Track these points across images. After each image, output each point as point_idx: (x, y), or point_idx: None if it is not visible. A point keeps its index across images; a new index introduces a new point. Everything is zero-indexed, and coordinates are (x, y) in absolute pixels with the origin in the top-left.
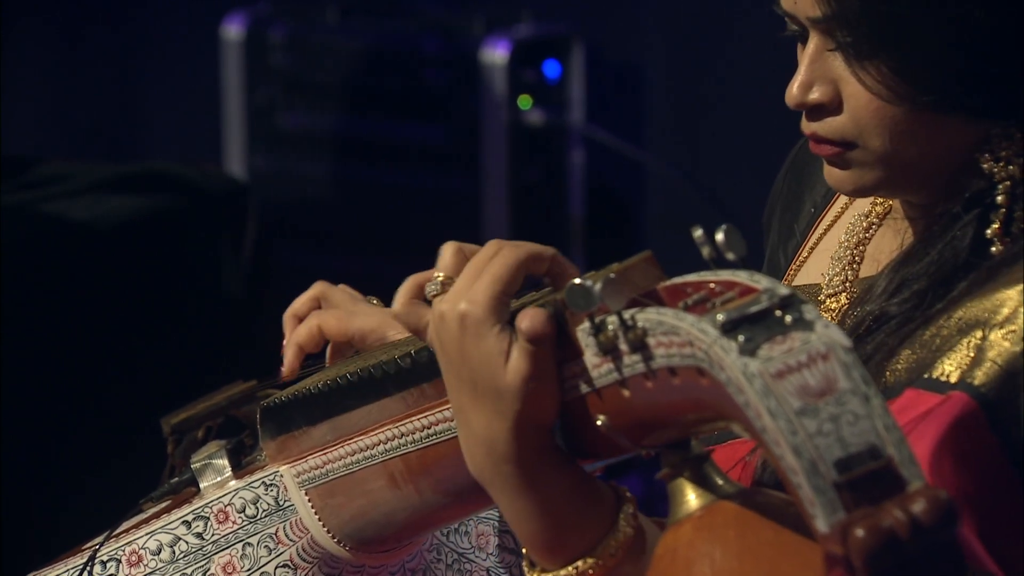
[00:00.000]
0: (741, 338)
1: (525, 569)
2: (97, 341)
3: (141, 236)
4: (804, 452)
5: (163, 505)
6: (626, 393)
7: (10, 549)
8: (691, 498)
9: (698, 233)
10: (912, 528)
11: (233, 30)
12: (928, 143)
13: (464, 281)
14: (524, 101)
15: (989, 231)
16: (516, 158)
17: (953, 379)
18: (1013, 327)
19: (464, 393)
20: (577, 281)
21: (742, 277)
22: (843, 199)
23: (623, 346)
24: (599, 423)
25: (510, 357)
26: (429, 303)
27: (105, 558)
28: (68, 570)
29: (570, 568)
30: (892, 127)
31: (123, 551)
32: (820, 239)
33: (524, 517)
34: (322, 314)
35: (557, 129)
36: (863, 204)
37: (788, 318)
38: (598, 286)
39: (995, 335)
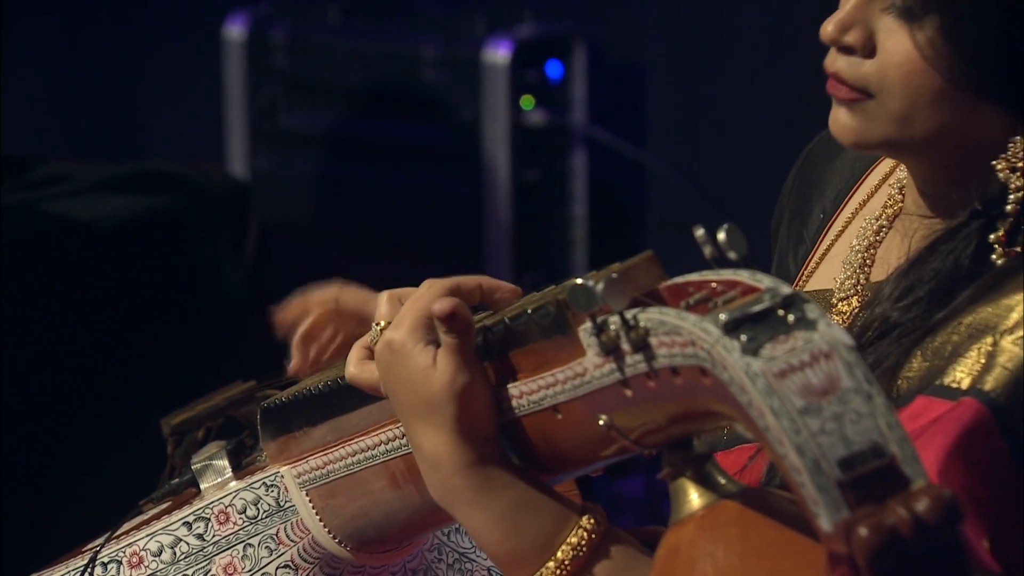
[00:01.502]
0: (744, 337)
1: None
2: (98, 341)
3: (142, 236)
4: (807, 451)
5: (164, 506)
6: (628, 393)
7: (11, 550)
8: (693, 497)
9: (700, 232)
10: (916, 526)
11: (235, 31)
12: (947, 119)
13: (396, 317)
14: (526, 101)
15: (992, 238)
16: (518, 158)
17: (964, 385)
18: (1022, 332)
19: (408, 418)
20: (579, 281)
21: (744, 276)
22: (853, 204)
23: (625, 346)
24: (601, 423)
25: (436, 365)
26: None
27: (106, 559)
28: (69, 571)
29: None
30: (917, 92)
31: (124, 552)
32: (831, 245)
33: (483, 529)
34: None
35: (559, 129)
36: (874, 208)
37: (791, 317)
38: (600, 286)
39: (1005, 341)
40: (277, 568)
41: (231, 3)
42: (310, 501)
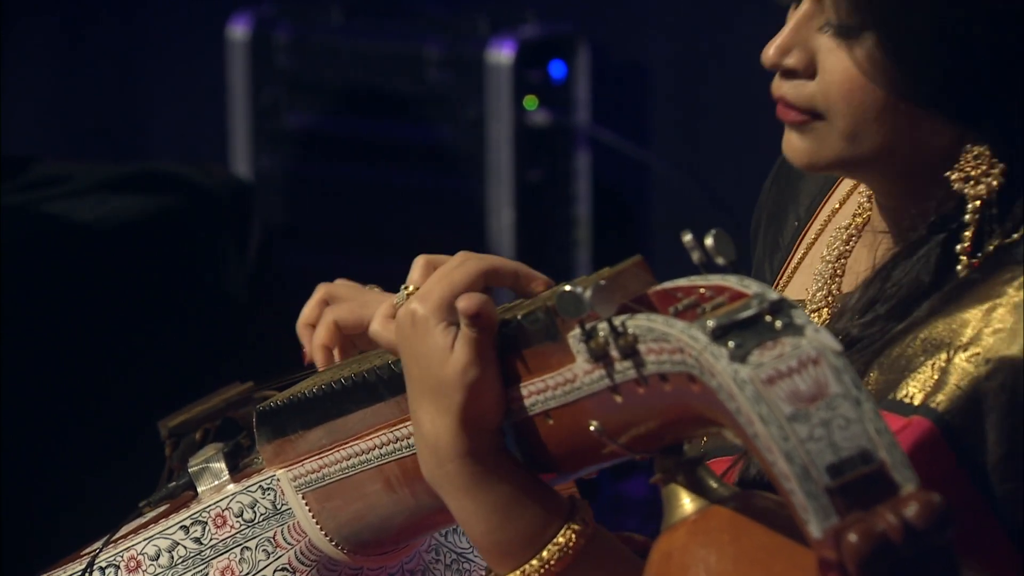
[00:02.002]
0: (731, 344)
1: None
2: (99, 342)
3: (145, 236)
4: (796, 458)
5: (161, 509)
6: (618, 399)
7: (9, 552)
8: (685, 502)
9: (688, 238)
10: (905, 532)
11: (238, 31)
12: (893, 134)
13: (424, 286)
14: (529, 102)
15: (957, 248)
16: (521, 159)
17: (916, 401)
18: (977, 350)
19: (415, 392)
20: (567, 288)
21: (732, 282)
22: (825, 213)
23: (614, 352)
24: (592, 428)
25: (453, 350)
26: None
27: (104, 564)
28: (67, 575)
29: (516, 572)
30: (860, 109)
31: (122, 557)
32: (804, 255)
33: (471, 519)
34: (335, 310)
35: (562, 130)
36: (844, 217)
37: (778, 323)
38: (588, 293)
39: (959, 358)
40: (274, 571)
41: (234, 3)
42: (306, 504)
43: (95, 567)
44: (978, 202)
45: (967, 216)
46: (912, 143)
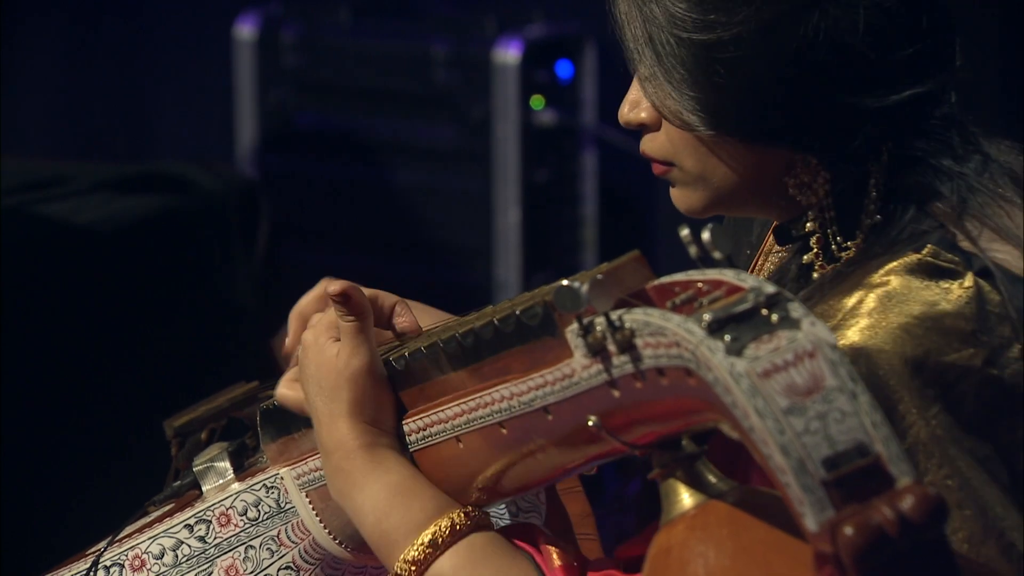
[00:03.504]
0: (727, 338)
1: None
2: (107, 341)
3: (153, 236)
4: (792, 451)
5: (166, 508)
6: (616, 393)
7: (14, 552)
8: (684, 497)
9: (684, 232)
10: (901, 525)
11: (245, 30)
12: (734, 165)
13: (311, 320)
14: (536, 101)
15: (806, 258)
16: (528, 158)
17: None
18: (839, 340)
19: (315, 412)
20: (565, 282)
21: (729, 276)
22: (768, 242)
23: (611, 347)
24: (590, 424)
25: (336, 341)
26: None
27: (108, 563)
28: (72, 575)
29: (399, 561)
30: (695, 148)
31: (126, 556)
32: None
33: (362, 511)
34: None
35: (569, 129)
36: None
37: (774, 317)
38: (585, 287)
39: None
40: (279, 570)
41: (242, 3)
42: (310, 502)
43: (99, 566)
44: (814, 209)
45: (808, 224)
46: (753, 169)
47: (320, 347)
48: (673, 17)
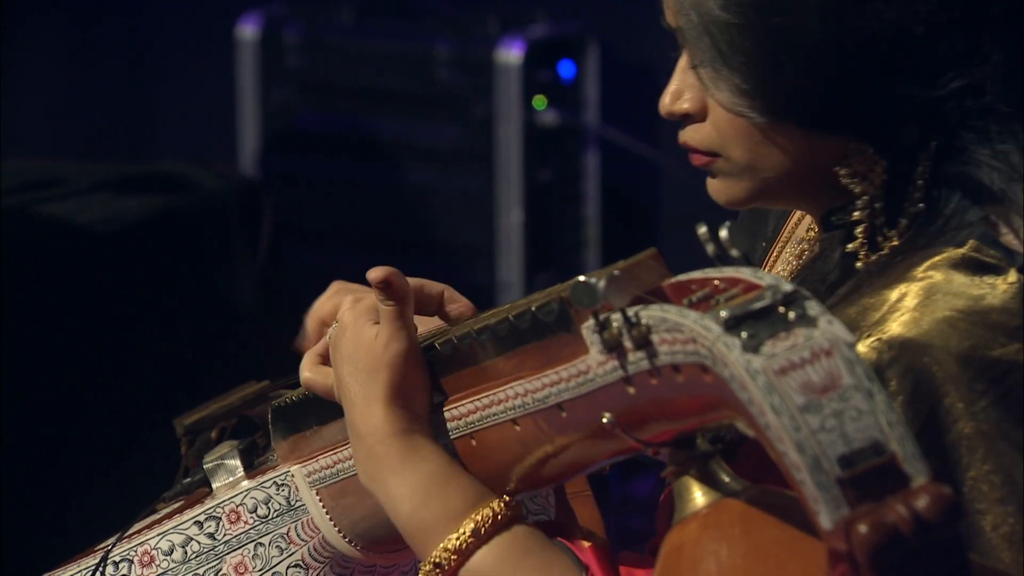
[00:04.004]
0: (744, 335)
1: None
2: (111, 341)
3: (155, 236)
4: (807, 448)
5: (176, 505)
6: (631, 390)
7: (23, 549)
8: (697, 496)
9: (702, 230)
10: (915, 524)
11: (248, 31)
12: (785, 155)
13: (348, 301)
14: (539, 101)
15: (850, 247)
16: (531, 158)
17: None
18: (880, 335)
19: (348, 393)
20: (582, 278)
21: (746, 274)
22: (787, 231)
23: (627, 343)
24: (605, 421)
25: (376, 323)
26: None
27: (117, 558)
28: (81, 571)
29: (437, 550)
30: (747, 138)
31: (135, 551)
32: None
33: (398, 500)
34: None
35: (572, 129)
36: (800, 232)
37: (791, 314)
38: (602, 283)
39: (862, 344)
40: (288, 567)
41: (244, 3)
42: (320, 500)
43: (108, 561)
44: (866, 197)
45: (857, 213)
46: (807, 158)
47: (359, 328)
48: (734, 1)
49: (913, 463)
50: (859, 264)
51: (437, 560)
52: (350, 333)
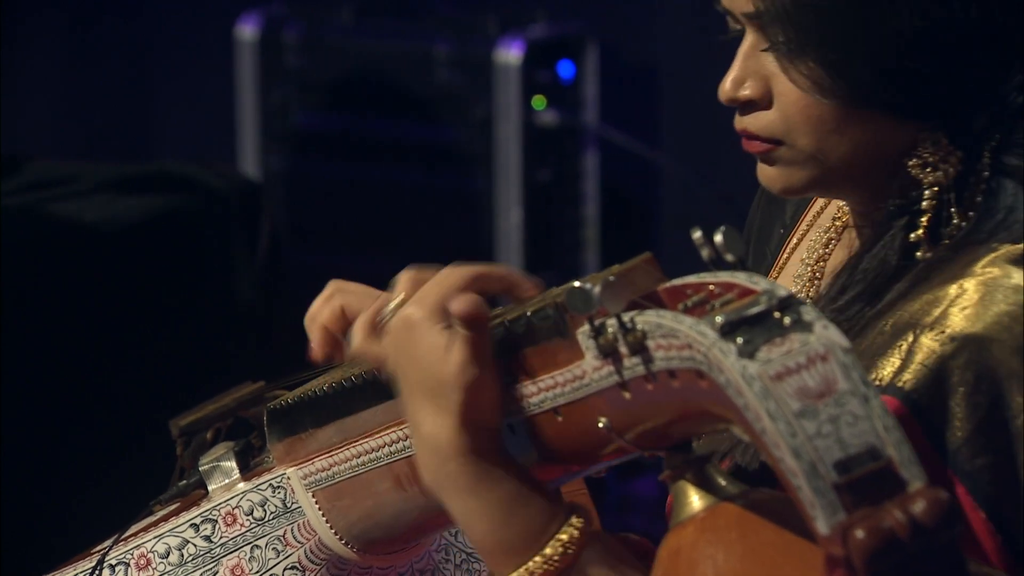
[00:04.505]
0: (740, 340)
1: None
2: (108, 341)
3: (155, 236)
4: (804, 454)
5: (171, 508)
6: (627, 395)
7: (18, 552)
8: (694, 499)
9: (697, 235)
10: (912, 529)
11: (247, 30)
12: (856, 143)
13: (418, 293)
14: (538, 101)
15: (913, 236)
16: (530, 158)
17: (884, 382)
18: (943, 328)
19: (413, 395)
20: (576, 284)
21: (741, 279)
22: (809, 218)
23: (623, 348)
24: (600, 425)
25: (450, 352)
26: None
27: (113, 562)
28: (77, 574)
29: (521, 571)
30: (819, 125)
31: (131, 555)
32: (787, 260)
33: (473, 519)
34: (345, 296)
35: (571, 129)
36: (824, 221)
37: (787, 320)
38: (597, 289)
39: (925, 337)
40: (284, 570)
41: (244, 3)
42: (316, 503)
43: (105, 565)
44: (936, 188)
45: (924, 203)
46: (875, 147)
47: (430, 333)
48: None
49: (909, 468)
50: (919, 255)
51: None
52: (417, 335)
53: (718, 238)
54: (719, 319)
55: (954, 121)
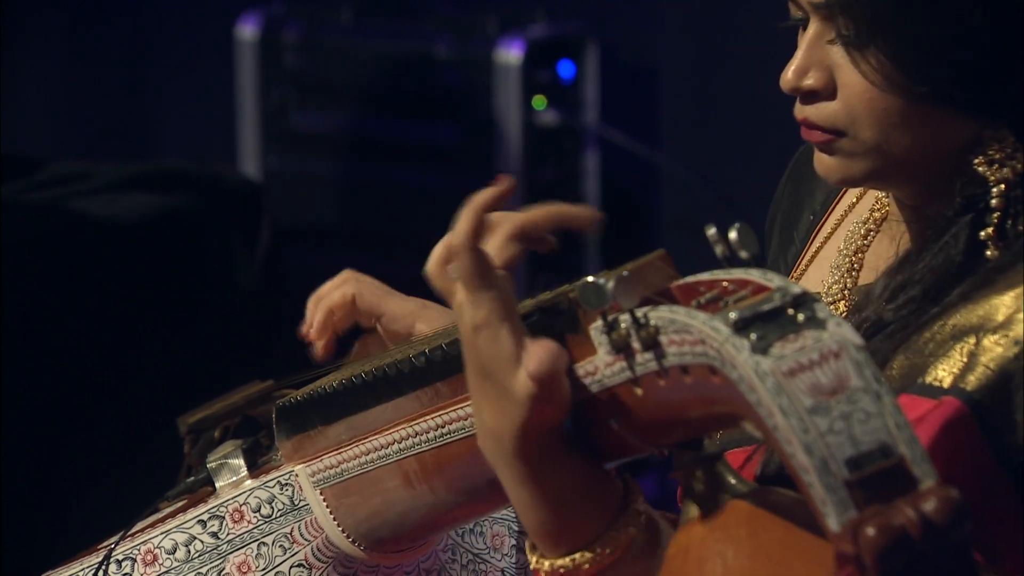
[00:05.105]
0: (753, 336)
1: (527, 550)
2: (112, 339)
3: (155, 235)
4: (815, 450)
5: (179, 504)
6: (639, 391)
7: (26, 548)
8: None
9: (711, 232)
10: (923, 527)
11: (247, 30)
12: (919, 137)
13: (465, 275)
14: (538, 101)
15: (983, 234)
16: (530, 159)
17: (946, 384)
18: (1007, 332)
19: (477, 378)
20: (590, 279)
21: (755, 275)
22: (842, 207)
23: (636, 344)
24: (612, 422)
25: (520, 364)
26: None
27: (121, 557)
28: (84, 569)
29: (567, 559)
30: (884, 118)
31: (138, 550)
32: (820, 248)
33: (528, 507)
34: (359, 284)
35: (571, 130)
36: (862, 211)
37: (800, 316)
38: (610, 284)
39: (988, 340)
40: (291, 567)
41: (243, 3)
42: (324, 500)
43: (112, 560)
44: (1003, 185)
45: (993, 200)
46: (938, 141)
47: (499, 339)
48: None
49: (921, 465)
50: (989, 253)
51: (570, 565)
52: (486, 338)
53: (732, 235)
54: (732, 315)
55: (1020, 119)
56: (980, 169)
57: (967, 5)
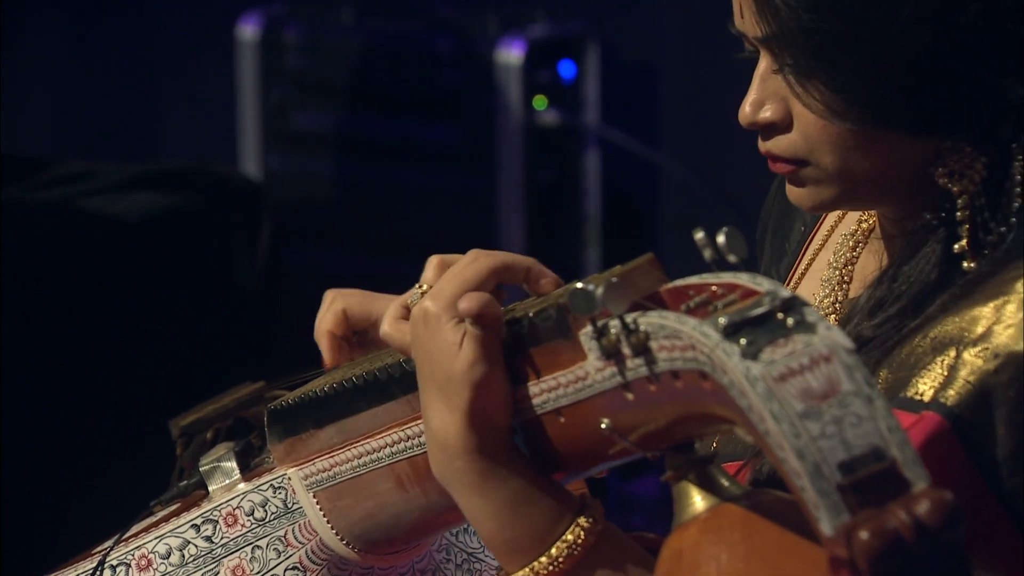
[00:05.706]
0: (743, 341)
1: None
2: (109, 341)
3: (156, 235)
4: (807, 455)
5: (172, 508)
6: (630, 396)
7: (17, 553)
8: (696, 500)
9: (699, 235)
10: (917, 530)
11: (248, 30)
12: (879, 159)
13: (437, 285)
14: (539, 101)
15: (956, 247)
16: (531, 159)
17: (927, 398)
18: (986, 345)
19: (425, 389)
20: (579, 285)
21: (744, 280)
22: (831, 219)
23: (626, 350)
24: (603, 427)
25: (461, 348)
26: None
27: (115, 562)
28: (78, 574)
29: (526, 570)
30: (840, 144)
31: (132, 555)
32: (812, 261)
33: (481, 516)
34: (345, 299)
35: (572, 130)
36: (850, 223)
37: (790, 321)
38: (599, 290)
39: (968, 353)
40: (285, 570)
41: (244, 3)
42: (317, 503)
43: (106, 565)
44: (966, 196)
45: (959, 213)
46: (899, 159)
47: (440, 327)
48: (828, 7)
49: (913, 468)
50: (966, 265)
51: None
52: (432, 329)
53: (720, 239)
54: (722, 320)
55: (973, 130)
56: (942, 182)
57: (902, 32)
